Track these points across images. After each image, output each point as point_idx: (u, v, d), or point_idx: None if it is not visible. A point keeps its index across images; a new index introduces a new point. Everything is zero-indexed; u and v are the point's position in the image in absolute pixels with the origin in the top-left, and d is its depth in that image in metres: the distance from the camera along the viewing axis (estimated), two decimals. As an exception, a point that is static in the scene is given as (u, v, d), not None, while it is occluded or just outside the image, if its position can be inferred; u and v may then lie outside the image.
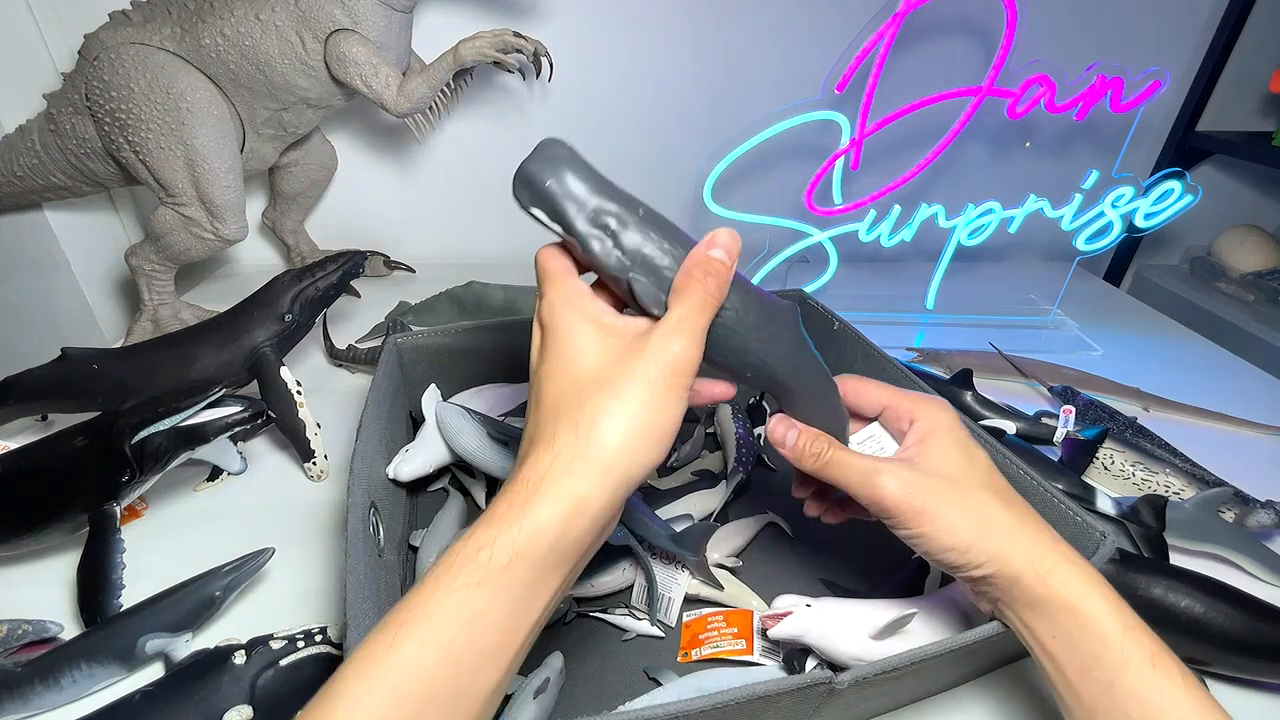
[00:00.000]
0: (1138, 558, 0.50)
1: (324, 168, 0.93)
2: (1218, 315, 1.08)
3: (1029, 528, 0.34)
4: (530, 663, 0.44)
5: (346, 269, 0.65)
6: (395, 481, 0.54)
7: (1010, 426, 0.66)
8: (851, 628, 0.41)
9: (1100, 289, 1.12)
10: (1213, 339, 0.94)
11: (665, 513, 0.54)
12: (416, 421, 0.62)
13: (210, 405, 0.51)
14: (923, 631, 0.41)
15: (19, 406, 0.62)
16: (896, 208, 0.87)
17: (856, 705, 0.39)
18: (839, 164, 0.85)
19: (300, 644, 0.42)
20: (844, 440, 0.38)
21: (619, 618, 0.49)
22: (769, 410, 0.68)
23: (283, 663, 0.41)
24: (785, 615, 0.42)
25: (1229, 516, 0.58)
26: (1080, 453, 0.63)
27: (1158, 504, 0.55)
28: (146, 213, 0.85)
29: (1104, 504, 0.57)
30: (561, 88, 0.92)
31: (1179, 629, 0.44)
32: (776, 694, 0.33)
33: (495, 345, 0.63)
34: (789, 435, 0.37)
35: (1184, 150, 1.10)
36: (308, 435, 0.60)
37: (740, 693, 0.32)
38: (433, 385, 0.60)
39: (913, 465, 0.35)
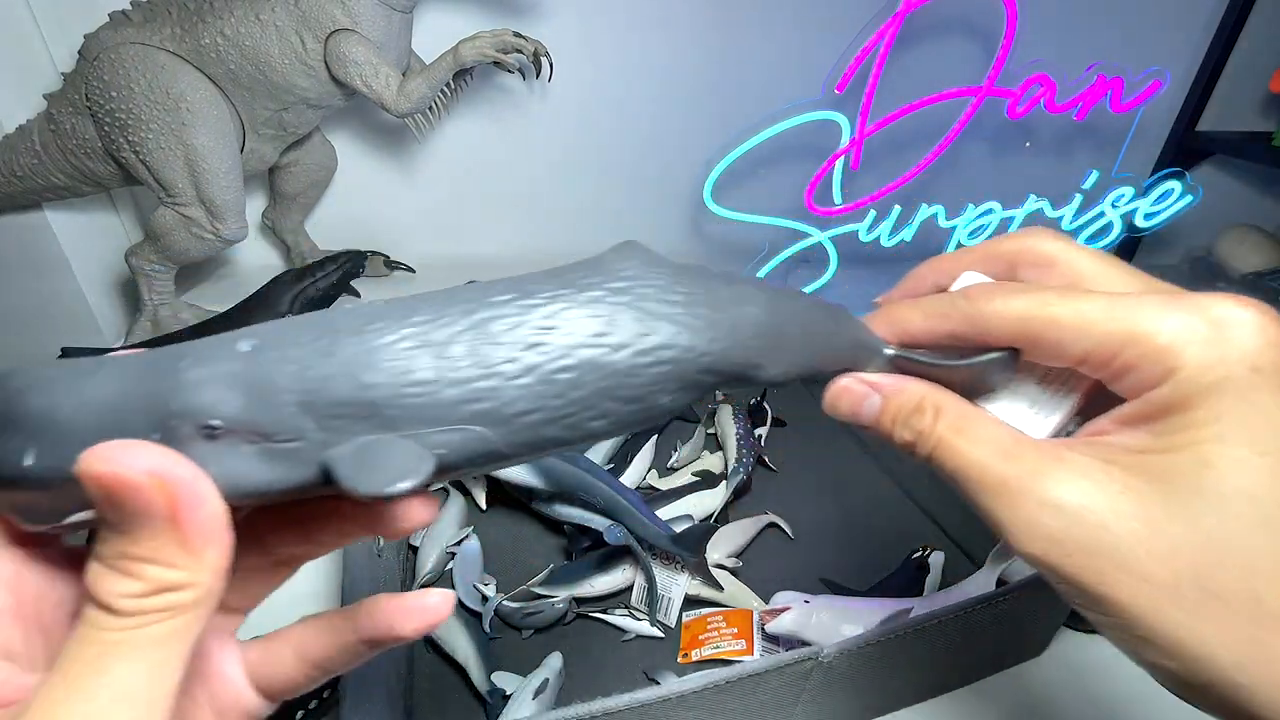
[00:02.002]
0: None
1: (324, 168, 0.93)
2: (1218, 315, 1.08)
3: None
4: (530, 663, 0.44)
5: (346, 269, 0.65)
6: (395, 481, 0.54)
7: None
8: (849, 623, 0.41)
9: (1100, 289, 1.11)
10: (1213, 339, 0.93)
11: (665, 513, 0.54)
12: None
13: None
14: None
15: (19, 406, 0.62)
16: (897, 208, 0.87)
17: (853, 691, 0.39)
18: (839, 164, 0.85)
19: (300, 644, 0.42)
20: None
21: (619, 618, 0.49)
22: (769, 411, 0.68)
23: (282, 663, 0.41)
24: (784, 610, 0.42)
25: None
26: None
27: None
28: (146, 213, 0.85)
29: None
30: (561, 88, 0.92)
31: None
32: (764, 671, 0.33)
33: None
34: (866, 402, 0.22)
35: (1184, 150, 1.10)
36: None
37: (729, 672, 0.33)
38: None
39: (1178, 499, 0.16)
